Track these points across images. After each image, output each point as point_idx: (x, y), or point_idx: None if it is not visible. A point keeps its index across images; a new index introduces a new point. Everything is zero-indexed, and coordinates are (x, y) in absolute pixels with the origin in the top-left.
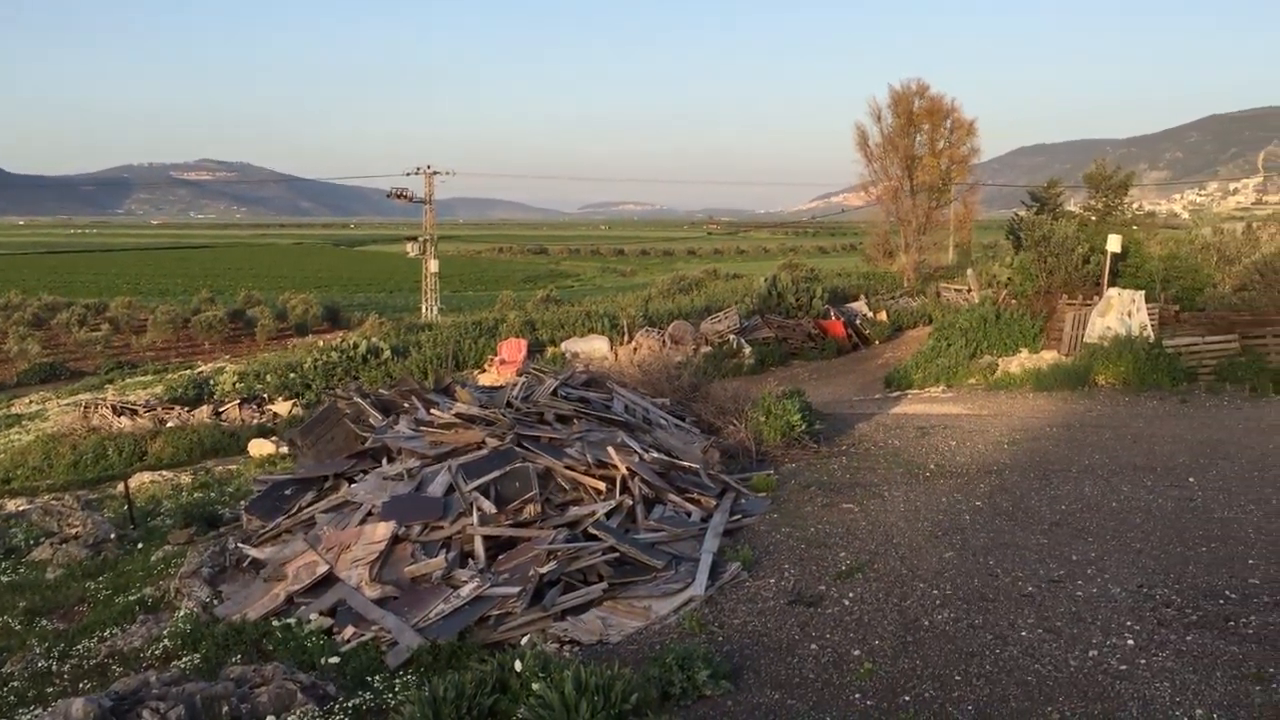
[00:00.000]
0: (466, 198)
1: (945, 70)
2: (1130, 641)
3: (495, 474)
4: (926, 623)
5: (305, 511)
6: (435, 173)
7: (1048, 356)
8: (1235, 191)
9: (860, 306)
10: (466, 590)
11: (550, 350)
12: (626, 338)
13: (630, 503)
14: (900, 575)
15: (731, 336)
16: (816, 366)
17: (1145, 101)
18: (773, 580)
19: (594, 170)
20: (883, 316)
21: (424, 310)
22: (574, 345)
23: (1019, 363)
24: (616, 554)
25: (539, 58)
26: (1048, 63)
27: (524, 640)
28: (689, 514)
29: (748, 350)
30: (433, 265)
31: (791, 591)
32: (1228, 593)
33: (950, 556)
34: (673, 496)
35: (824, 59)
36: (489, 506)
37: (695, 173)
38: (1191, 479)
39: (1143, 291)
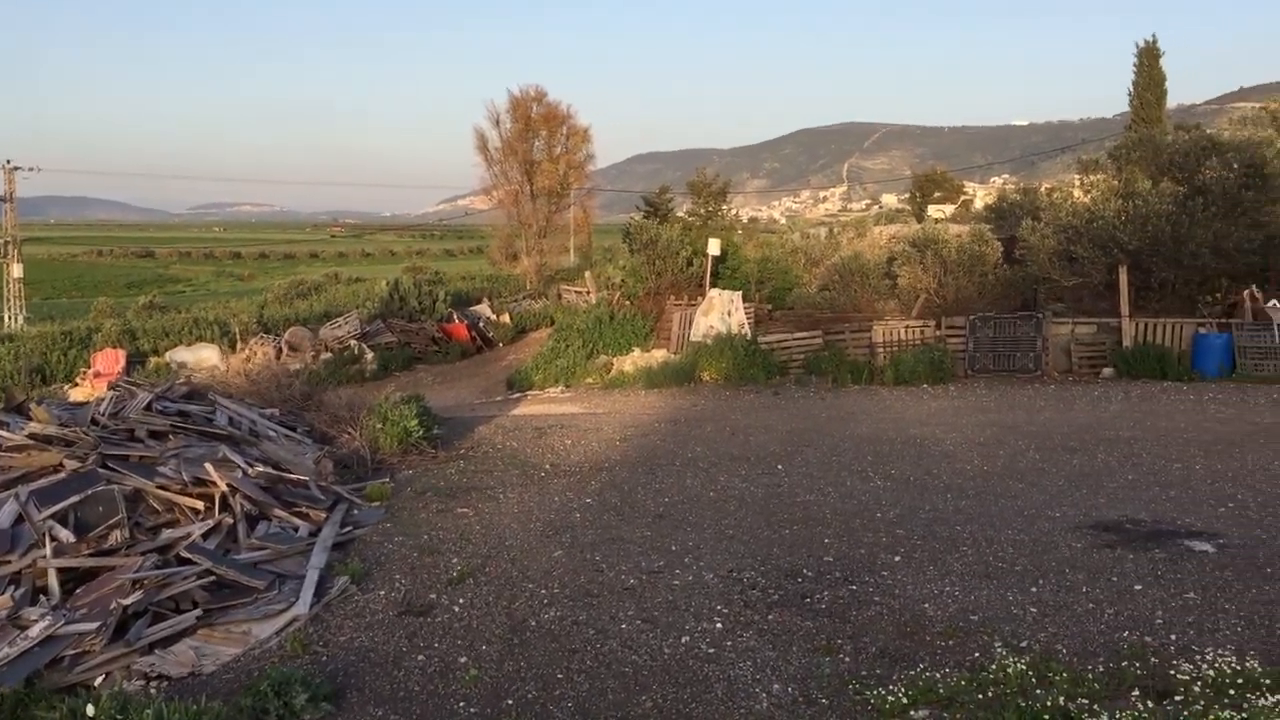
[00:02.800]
0: (59, 196)
1: (566, 78)
2: (719, 625)
3: (74, 499)
4: (534, 623)
5: None
6: (16, 168)
7: (658, 355)
8: (825, 199)
9: (484, 309)
10: (36, 630)
11: (154, 361)
12: (239, 346)
13: (231, 521)
14: (511, 577)
15: (353, 342)
16: (441, 370)
17: (747, 115)
18: (383, 592)
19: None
20: (506, 319)
21: (6, 319)
22: (181, 355)
23: (632, 361)
24: (214, 577)
25: (142, 48)
26: (661, 76)
27: (98, 681)
28: (296, 529)
29: (370, 356)
30: (16, 270)
31: (401, 602)
32: (805, 571)
33: (560, 555)
34: (279, 512)
35: (451, 62)
36: (66, 535)
37: (319, 173)
38: (780, 466)
39: (740, 292)
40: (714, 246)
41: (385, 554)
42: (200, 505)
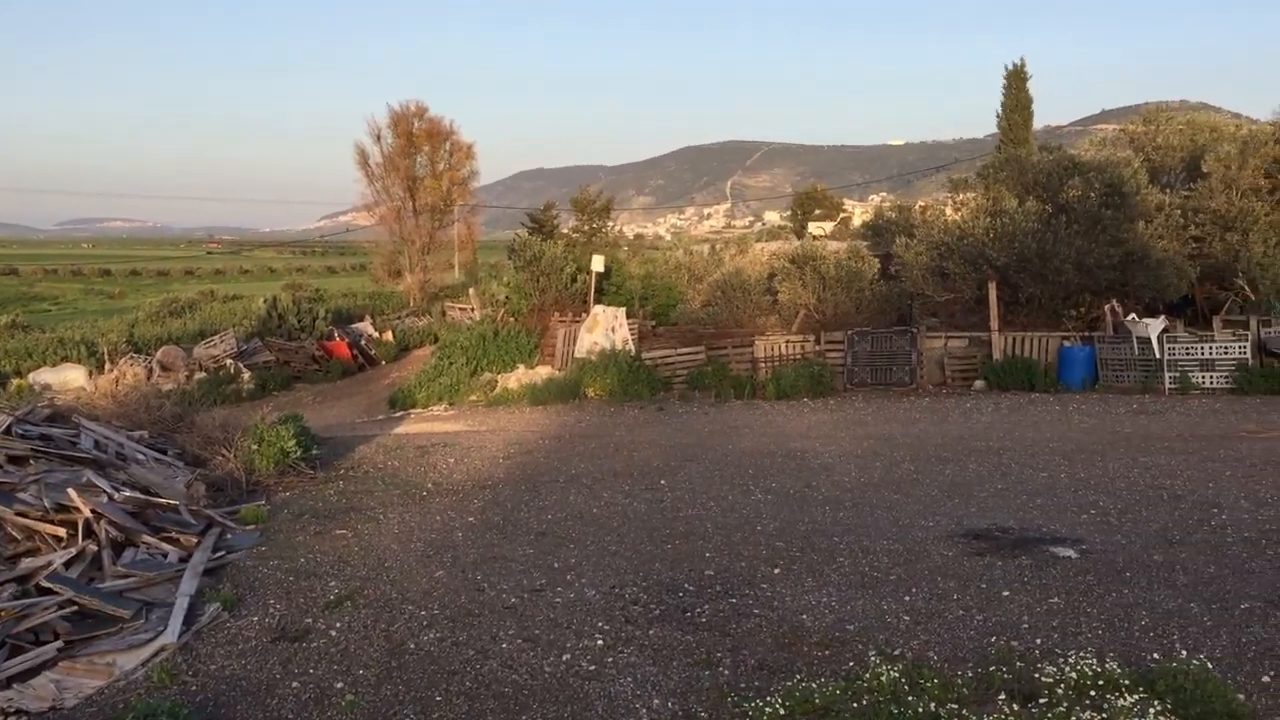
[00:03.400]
0: None
1: (450, 94)
2: (600, 641)
3: None
4: (413, 645)
5: None
6: None
7: (543, 372)
8: (709, 216)
9: (366, 327)
10: None
11: (15, 383)
12: (108, 366)
13: (96, 548)
14: (390, 599)
15: (229, 361)
16: (321, 389)
17: (633, 132)
18: (256, 618)
19: (76, 183)
20: (389, 336)
21: None
22: (44, 376)
23: (517, 378)
24: (77, 607)
25: None
26: (548, 93)
27: None
28: (166, 555)
29: (247, 375)
30: None
31: (276, 628)
32: (687, 585)
33: (441, 575)
34: (147, 538)
35: (333, 75)
36: None
37: (195, 188)
38: (663, 481)
39: (624, 308)
40: (598, 263)
41: (260, 578)
42: (62, 532)
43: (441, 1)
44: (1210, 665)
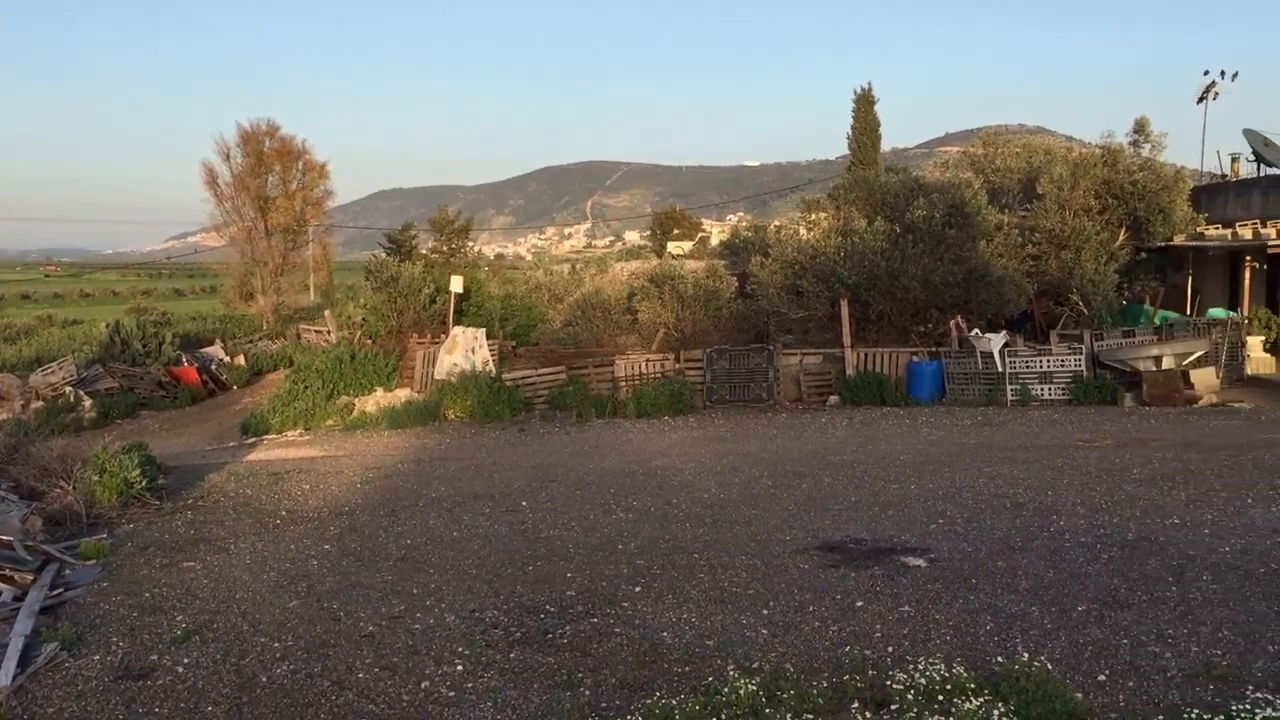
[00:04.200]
0: None
1: (304, 113)
2: (460, 667)
3: None
4: (265, 679)
5: None
6: None
7: (402, 394)
8: (570, 236)
9: (217, 351)
10: None
11: None
12: None
13: None
14: (241, 632)
15: (69, 389)
16: (169, 416)
17: (492, 152)
18: (98, 657)
19: None
20: (241, 361)
21: None
22: None
23: (375, 402)
24: None
25: None
26: (405, 112)
27: None
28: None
29: (88, 403)
30: None
31: (119, 666)
32: (548, 607)
33: (295, 605)
34: None
35: (180, 90)
36: None
37: (30, 209)
38: (524, 503)
39: (484, 329)
40: (457, 284)
41: (101, 615)
42: None
43: (292, 19)
44: (1050, 666)
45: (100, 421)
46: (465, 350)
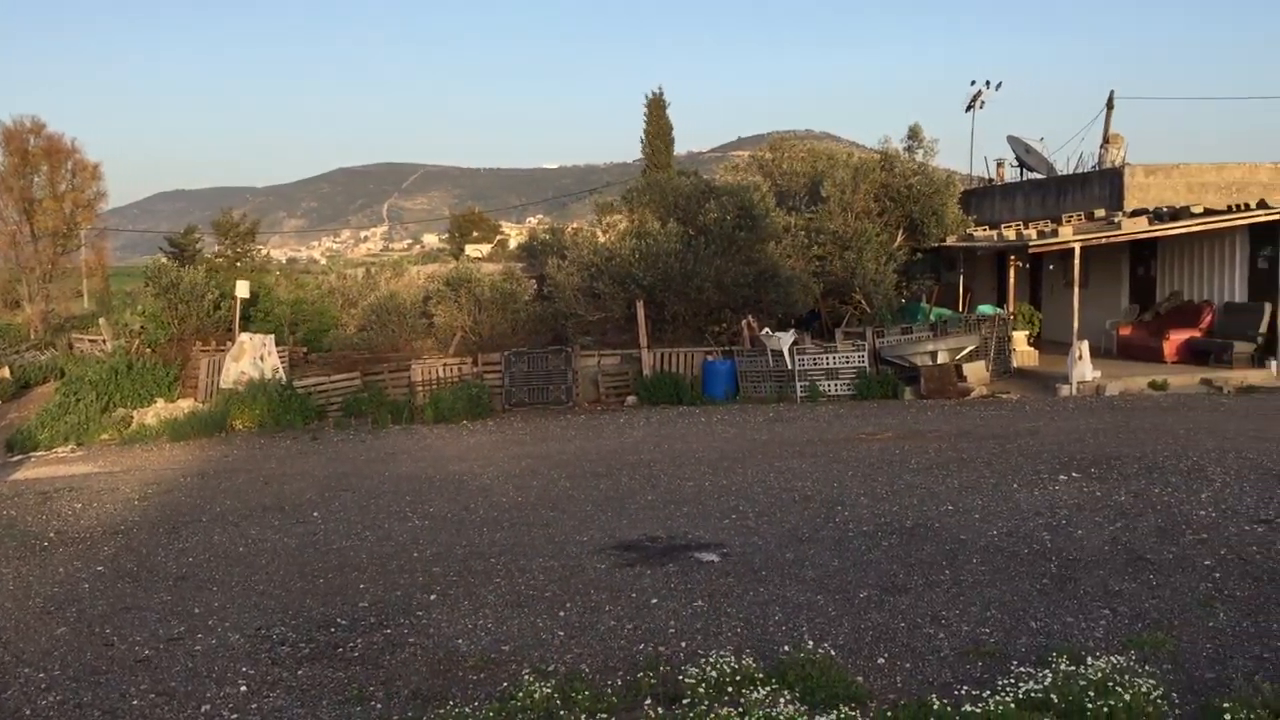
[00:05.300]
0: None
1: (74, 111)
2: (244, 688)
3: None
4: (29, 711)
5: None
6: None
7: (185, 405)
8: (366, 239)
9: None
10: None
11: None
12: None
13: None
14: (3, 663)
15: None
16: None
17: (282, 152)
18: None
19: None
20: (6, 373)
21: None
22: None
23: (155, 413)
24: None
25: None
26: (187, 112)
27: None
28: None
29: None
30: None
31: None
32: (339, 620)
33: (63, 632)
34: None
35: None
36: None
37: None
38: (316, 514)
39: (273, 335)
40: (243, 289)
41: None
42: None
43: (62, 13)
44: (834, 652)
45: None
46: (253, 357)
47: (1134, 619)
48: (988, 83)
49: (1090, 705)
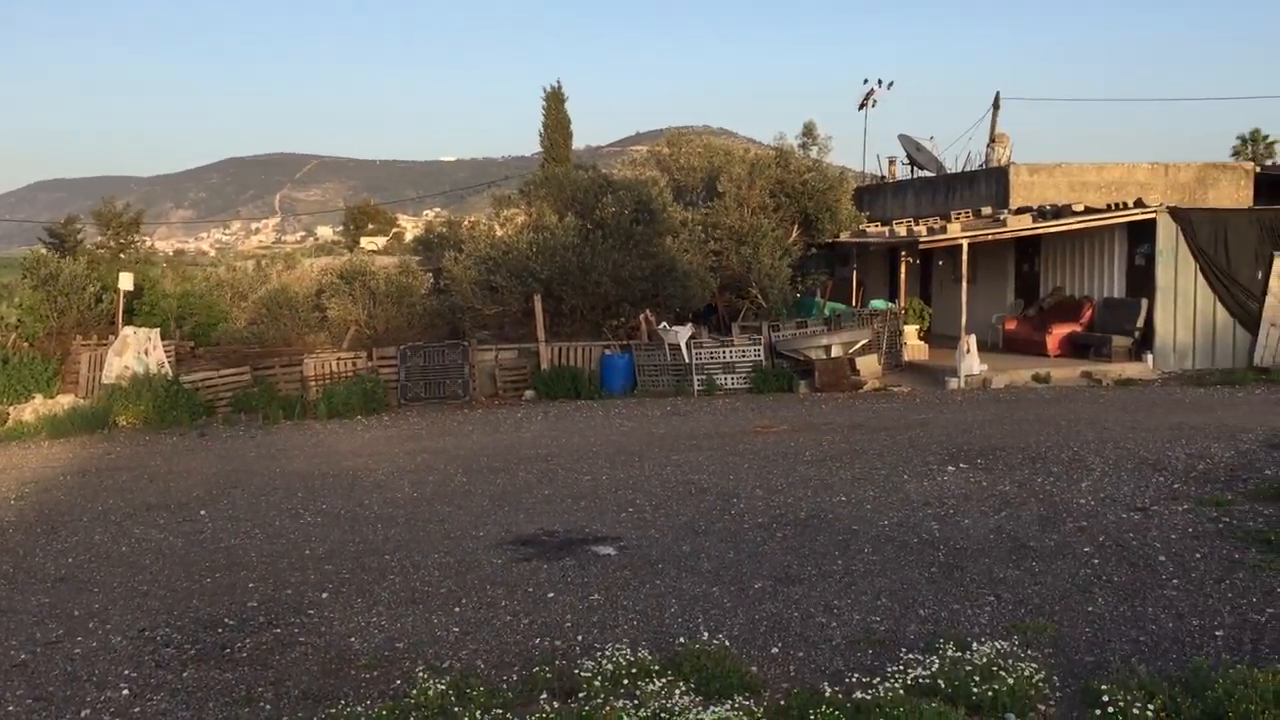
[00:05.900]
0: None
1: None
2: (126, 691)
3: None
4: None
5: None
6: None
7: (65, 401)
8: (258, 231)
9: None
10: None
11: None
12: None
13: None
14: None
15: None
16: None
17: (168, 141)
18: None
19: None
20: None
21: None
22: None
23: (33, 410)
24: None
25: None
26: (64, 98)
27: None
28: None
29: None
30: None
31: None
32: (227, 620)
33: None
34: None
35: None
36: None
37: None
38: (204, 512)
39: (159, 329)
40: (126, 281)
41: None
42: None
43: None
44: (729, 643)
45: None
46: (137, 352)
47: (1017, 605)
48: (880, 81)
49: (976, 689)
